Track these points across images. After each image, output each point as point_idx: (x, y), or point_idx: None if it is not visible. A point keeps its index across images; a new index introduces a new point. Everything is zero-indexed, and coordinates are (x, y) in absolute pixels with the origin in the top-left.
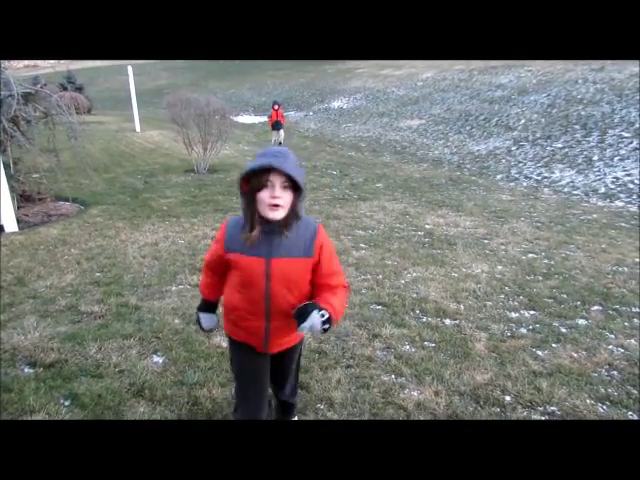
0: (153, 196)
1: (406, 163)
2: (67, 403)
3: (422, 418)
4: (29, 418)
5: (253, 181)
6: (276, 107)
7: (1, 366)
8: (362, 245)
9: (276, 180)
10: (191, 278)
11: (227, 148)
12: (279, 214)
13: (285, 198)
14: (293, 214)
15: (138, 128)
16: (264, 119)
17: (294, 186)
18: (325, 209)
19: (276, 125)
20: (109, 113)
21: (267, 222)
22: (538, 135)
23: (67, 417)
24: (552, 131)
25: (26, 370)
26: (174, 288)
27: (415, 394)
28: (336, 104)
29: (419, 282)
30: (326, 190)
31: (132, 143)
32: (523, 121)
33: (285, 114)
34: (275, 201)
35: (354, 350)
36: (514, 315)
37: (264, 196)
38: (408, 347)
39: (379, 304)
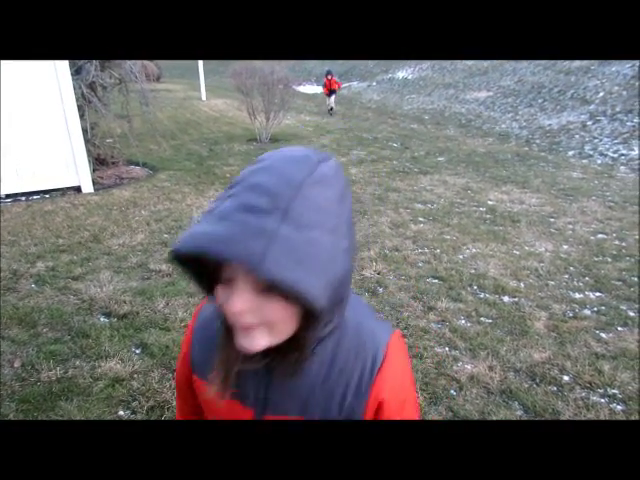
0: (217, 163)
1: (471, 137)
2: (138, 351)
3: (475, 391)
4: (104, 363)
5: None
6: (329, 77)
7: (80, 314)
8: (421, 219)
9: (237, 274)
10: None
11: (289, 118)
12: (255, 342)
13: (266, 312)
14: (301, 344)
15: (204, 96)
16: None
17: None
18: (384, 182)
19: (331, 92)
20: (177, 81)
21: None
22: (618, 109)
23: (138, 364)
24: (634, 105)
25: (102, 319)
26: None
27: (469, 367)
28: (401, 74)
29: (478, 258)
30: (386, 163)
31: (198, 111)
32: (602, 94)
33: (344, 84)
34: (238, 319)
35: (408, 321)
36: (578, 296)
37: (223, 299)
38: (464, 321)
39: (435, 278)
